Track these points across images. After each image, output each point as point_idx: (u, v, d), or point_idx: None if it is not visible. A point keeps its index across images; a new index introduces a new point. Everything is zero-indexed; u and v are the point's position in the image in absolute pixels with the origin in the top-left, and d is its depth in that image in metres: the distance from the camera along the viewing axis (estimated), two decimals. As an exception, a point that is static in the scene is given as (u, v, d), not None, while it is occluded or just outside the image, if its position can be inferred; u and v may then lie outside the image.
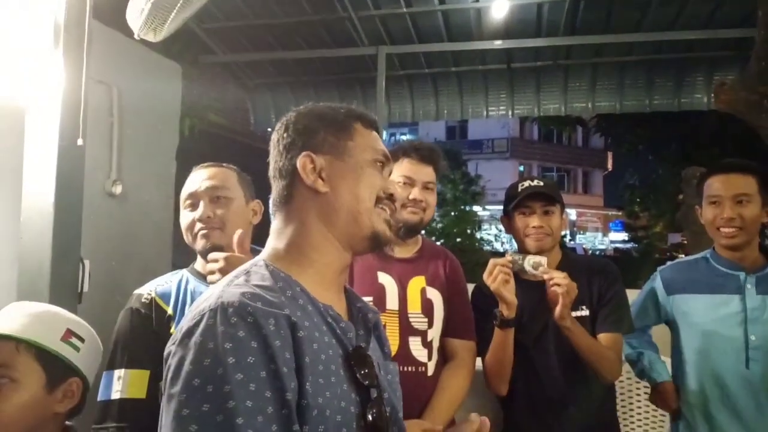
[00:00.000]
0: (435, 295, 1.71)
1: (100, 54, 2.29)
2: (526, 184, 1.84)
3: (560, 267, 1.86)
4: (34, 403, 0.98)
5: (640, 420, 2.47)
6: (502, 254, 1.82)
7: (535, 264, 1.70)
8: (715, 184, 1.81)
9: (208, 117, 4.02)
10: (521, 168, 26.32)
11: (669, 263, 2.00)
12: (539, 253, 1.81)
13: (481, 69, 4.48)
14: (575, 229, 26.85)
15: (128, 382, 1.29)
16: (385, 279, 1.66)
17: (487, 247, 11.90)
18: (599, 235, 27.40)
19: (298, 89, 4.83)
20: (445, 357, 1.74)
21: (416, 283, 1.69)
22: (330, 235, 0.91)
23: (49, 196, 1.53)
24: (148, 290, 1.41)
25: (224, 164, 1.50)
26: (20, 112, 1.56)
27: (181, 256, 1.41)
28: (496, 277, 1.64)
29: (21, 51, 1.55)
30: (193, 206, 1.42)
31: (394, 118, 4.92)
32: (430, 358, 1.66)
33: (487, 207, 15.15)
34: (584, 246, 22.39)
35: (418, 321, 1.66)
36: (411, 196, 1.69)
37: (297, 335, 0.78)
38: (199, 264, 1.46)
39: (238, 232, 1.32)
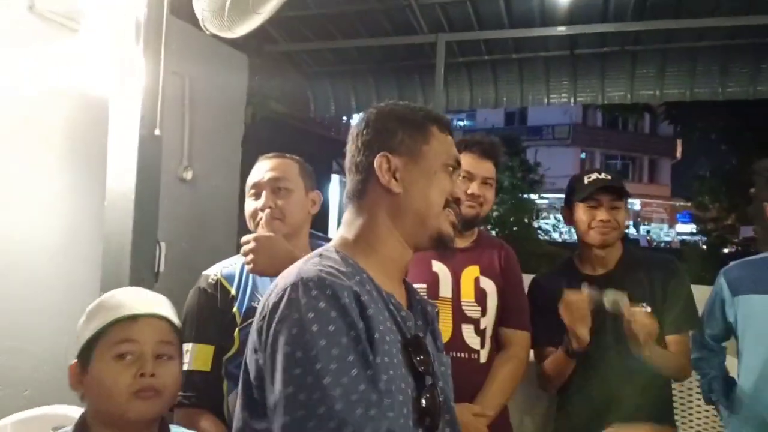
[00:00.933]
0: (489, 285, 1.73)
1: (175, 46, 2.42)
2: (593, 176, 1.84)
3: (621, 262, 1.85)
4: (180, 377, 1.10)
5: (699, 418, 2.41)
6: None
7: (615, 302, 1.65)
8: None
9: (269, 105, 4.14)
10: (583, 155, 25.50)
11: (732, 263, 1.92)
12: (603, 246, 1.80)
13: (543, 55, 4.37)
14: (639, 219, 25.84)
15: (195, 355, 1.40)
16: (439, 267, 1.70)
17: (544, 237, 11.64)
18: (665, 226, 26.25)
19: (357, 77, 4.88)
20: (499, 346, 1.77)
21: (470, 273, 1.73)
22: (396, 232, 0.97)
23: (131, 181, 1.66)
24: (214, 272, 1.50)
25: (287, 155, 1.56)
26: (104, 104, 1.70)
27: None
28: (573, 313, 1.63)
29: (105, 47, 1.68)
30: (257, 195, 1.49)
31: (452, 105, 4.88)
32: (482, 346, 1.70)
33: (546, 195, 14.81)
34: (648, 238, 21.51)
35: (471, 309, 1.70)
36: (469, 191, 1.72)
37: (367, 313, 0.84)
38: None
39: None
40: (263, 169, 1.51)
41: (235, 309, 1.44)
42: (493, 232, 10.46)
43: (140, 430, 1.04)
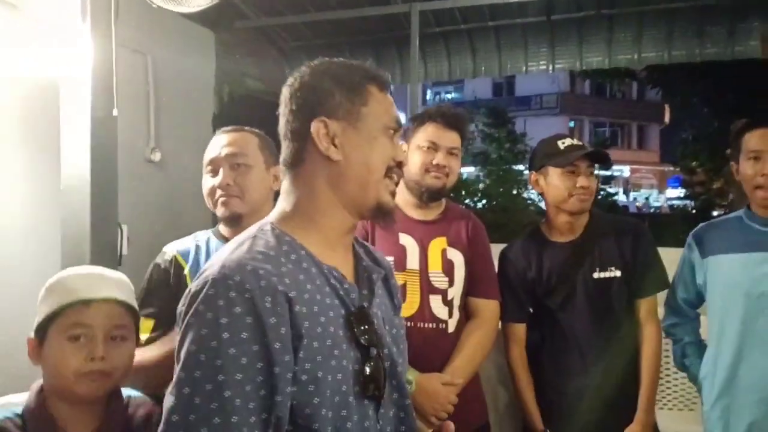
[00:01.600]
0: (456, 256, 1.73)
1: (135, 23, 2.35)
2: (568, 141, 1.82)
3: (588, 228, 1.85)
4: (134, 353, 1.15)
5: (677, 382, 2.43)
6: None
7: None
8: (754, 139, 1.71)
9: (245, 83, 4.07)
10: (571, 124, 25.45)
11: (702, 224, 1.91)
12: (580, 213, 1.80)
13: (519, 23, 4.32)
14: (628, 186, 25.95)
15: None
16: (406, 240, 1.70)
17: (532, 207, 11.66)
18: (654, 192, 26.38)
19: (333, 51, 4.78)
20: (468, 316, 1.77)
21: (437, 244, 1.72)
22: (337, 201, 0.92)
23: (86, 164, 1.62)
24: (173, 248, 1.48)
25: (246, 128, 1.49)
26: (55, 87, 1.65)
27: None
28: None
29: (51, 27, 1.62)
30: (214, 172, 1.44)
31: (430, 76, 4.83)
32: (450, 316, 1.71)
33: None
34: (637, 204, 21.65)
35: (438, 280, 1.70)
36: (435, 162, 1.69)
37: (294, 310, 0.81)
38: (222, 227, 1.51)
39: None
40: (220, 143, 1.44)
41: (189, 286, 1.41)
42: (481, 204, 10.48)
43: (91, 403, 1.08)
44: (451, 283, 1.71)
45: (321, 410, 0.82)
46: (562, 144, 1.81)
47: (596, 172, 1.86)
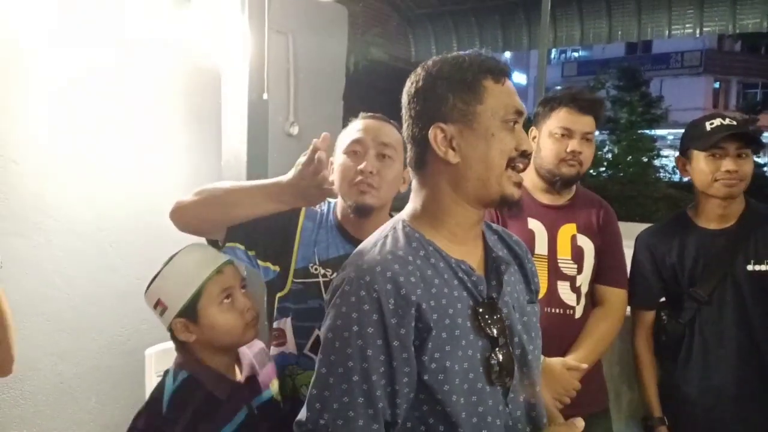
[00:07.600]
0: (586, 243, 1.72)
1: (279, 4, 2.50)
2: (717, 122, 1.67)
3: (742, 217, 1.71)
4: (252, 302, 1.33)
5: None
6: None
7: None
8: None
9: (370, 51, 4.18)
10: (716, 85, 22.93)
11: None
12: (728, 199, 1.66)
13: (665, -19, 3.98)
14: (780, 157, 23.08)
15: None
16: (534, 225, 1.71)
17: (665, 179, 10.66)
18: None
19: (458, 18, 4.76)
20: (594, 303, 1.76)
21: (567, 230, 1.72)
22: (460, 199, 0.96)
23: (242, 145, 1.81)
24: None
25: (391, 120, 1.36)
26: (218, 75, 1.84)
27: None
28: None
29: (214, 22, 1.80)
30: (355, 154, 1.31)
31: (560, 42, 4.64)
32: (578, 302, 1.71)
33: (661, 132, 13.42)
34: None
35: (567, 267, 1.70)
36: (569, 149, 1.67)
37: (421, 308, 0.89)
38: (341, 210, 1.38)
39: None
40: (369, 127, 1.32)
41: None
42: (606, 175, 9.86)
43: (234, 349, 1.32)
44: (579, 270, 1.70)
45: (451, 396, 0.90)
46: (710, 125, 1.67)
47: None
